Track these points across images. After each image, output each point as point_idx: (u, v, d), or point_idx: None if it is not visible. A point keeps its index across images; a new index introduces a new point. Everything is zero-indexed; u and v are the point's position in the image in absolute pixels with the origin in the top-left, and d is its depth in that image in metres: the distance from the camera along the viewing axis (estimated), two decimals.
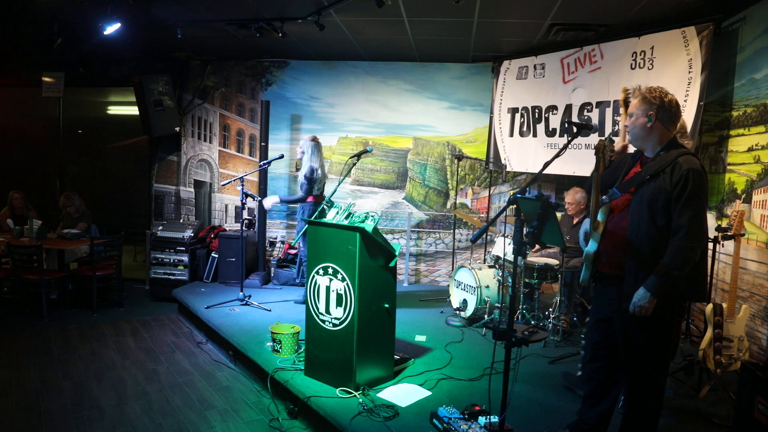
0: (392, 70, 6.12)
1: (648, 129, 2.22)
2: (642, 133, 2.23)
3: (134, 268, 6.91)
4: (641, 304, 2.12)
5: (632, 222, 2.18)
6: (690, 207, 2.07)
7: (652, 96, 2.20)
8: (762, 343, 3.46)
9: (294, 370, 3.39)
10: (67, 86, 6.64)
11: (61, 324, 4.81)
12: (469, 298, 4.57)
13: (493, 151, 5.73)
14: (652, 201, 2.13)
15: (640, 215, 2.16)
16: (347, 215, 3.30)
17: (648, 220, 2.13)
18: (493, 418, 2.59)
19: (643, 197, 2.16)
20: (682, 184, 2.07)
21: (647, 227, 2.14)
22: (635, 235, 2.17)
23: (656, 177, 2.14)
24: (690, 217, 2.07)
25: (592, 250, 2.30)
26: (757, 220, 3.54)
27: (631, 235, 2.18)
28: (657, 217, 2.12)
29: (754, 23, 3.68)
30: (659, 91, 2.21)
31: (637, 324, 2.18)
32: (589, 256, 2.30)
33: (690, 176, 2.07)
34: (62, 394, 3.41)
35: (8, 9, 4.60)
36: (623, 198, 2.26)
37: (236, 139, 6.57)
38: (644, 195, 2.15)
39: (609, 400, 2.44)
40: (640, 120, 2.22)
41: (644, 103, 2.21)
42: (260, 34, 4.78)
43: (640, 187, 2.19)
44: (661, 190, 2.11)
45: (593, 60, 4.73)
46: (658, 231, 2.13)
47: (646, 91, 2.21)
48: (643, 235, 2.14)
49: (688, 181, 2.06)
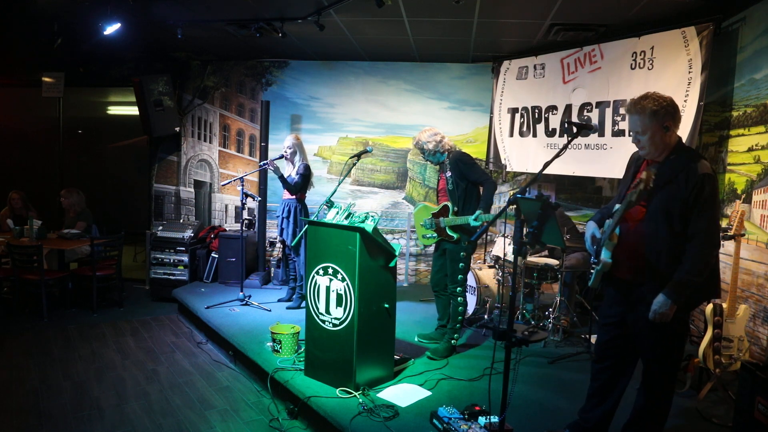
0: (392, 70, 6.12)
1: (667, 138, 2.20)
2: (662, 144, 2.21)
3: (134, 268, 6.91)
4: (662, 311, 2.11)
5: (650, 230, 2.17)
6: (706, 212, 2.07)
7: (660, 105, 2.17)
8: (762, 343, 3.46)
9: (294, 370, 3.39)
10: (67, 86, 6.64)
11: (61, 324, 4.81)
12: (469, 298, 4.57)
13: (493, 151, 5.73)
14: (668, 209, 2.12)
15: (658, 223, 2.15)
16: (347, 215, 3.30)
17: (666, 228, 2.13)
18: (493, 418, 2.59)
19: (658, 205, 2.14)
20: (698, 190, 2.07)
21: (665, 234, 2.13)
22: (653, 242, 2.16)
23: (669, 183, 2.14)
24: (707, 222, 2.07)
25: (609, 259, 2.30)
26: (757, 220, 3.54)
27: (650, 243, 2.17)
28: (675, 224, 2.12)
29: (754, 23, 3.68)
30: (662, 98, 2.19)
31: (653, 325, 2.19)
32: (606, 264, 2.29)
33: (705, 182, 2.07)
34: (62, 394, 3.41)
35: (8, 9, 4.60)
36: (638, 207, 2.24)
37: (236, 139, 6.57)
38: (660, 203, 2.14)
39: (612, 400, 2.45)
40: (658, 133, 2.18)
41: (656, 116, 2.16)
42: (260, 34, 4.78)
43: (653, 195, 2.17)
44: (677, 197, 2.10)
45: (593, 60, 4.73)
46: (676, 237, 2.13)
47: (652, 104, 2.17)
48: (662, 243, 2.14)
49: (704, 186, 2.06)
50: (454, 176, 3.62)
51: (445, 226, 3.63)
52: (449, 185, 3.64)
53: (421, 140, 3.70)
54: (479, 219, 3.45)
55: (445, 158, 3.72)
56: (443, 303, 3.92)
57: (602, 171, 4.74)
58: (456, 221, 3.57)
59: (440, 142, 3.69)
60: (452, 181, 3.63)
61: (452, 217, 3.60)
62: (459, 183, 3.61)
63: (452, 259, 3.68)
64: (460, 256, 3.65)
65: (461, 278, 3.69)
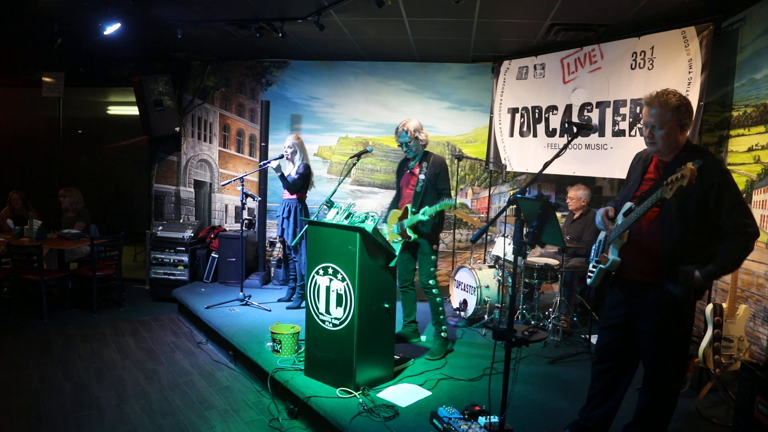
0: (392, 70, 6.12)
1: (681, 136, 2.19)
2: (675, 142, 2.19)
3: (134, 268, 6.91)
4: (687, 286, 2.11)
5: (664, 230, 2.16)
6: (736, 203, 2.08)
7: (681, 103, 2.15)
8: (762, 343, 3.45)
9: (294, 370, 3.40)
10: (67, 86, 6.63)
11: (61, 324, 4.81)
12: (469, 298, 4.57)
13: (493, 151, 5.73)
14: (682, 207, 2.11)
15: (672, 223, 2.13)
16: (347, 215, 3.31)
17: (681, 227, 2.12)
18: (493, 418, 2.59)
19: (671, 204, 2.12)
20: (718, 187, 2.06)
21: (681, 234, 2.12)
22: (669, 242, 2.14)
23: None
24: (744, 211, 2.08)
25: (617, 257, 2.29)
26: (757, 220, 3.53)
27: (664, 243, 2.15)
28: (690, 222, 2.11)
29: (754, 23, 3.68)
30: (683, 96, 2.18)
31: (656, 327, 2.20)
32: (615, 264, 2.29)
33: (723, 177, 2.08)
34: (62, 394, 3.41)
35: (8, 9, 4.60)
36: None
37: (236, 139, 6.57)
38: (672, 202, 2.11)
39: (613, 401, 2.46)
40: (675, 130, 2.16)
41: (678, 112, 2.15)
42: (260, 34, 4.78)
43: None
44: (691, 196, 2.08)
45: (593, 60, 4.73)
46: (692, 236, 2.12)
47: (675, 100, 2.15)
48: (677, 242, 2.13)
49: (723, 182, 2.07)
50: (427, 178, 3.68)
51: (406, 227, 3.69)
52: (417, 186, 3.70)
53: (410, 128, 3.68)
54: (425, 213, 3.52)
55: (421, 156, 3.76)
56: (411, 298, 4.01)
57: (602, 171, 4.74)
58: (411, 220, 3.64)
59: (425, 137, 3.77)
60: (423, 183, 3.68)
61: (411, 217, 3.67)
62: (429, 186, 3.68)
63: (424, 253, 3.74)
64: (432, 248, 3.73)
65: (434, 271, 3.77)
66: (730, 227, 2.08)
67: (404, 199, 3.81)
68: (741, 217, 2.07)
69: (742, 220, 2.07)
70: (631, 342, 2.36)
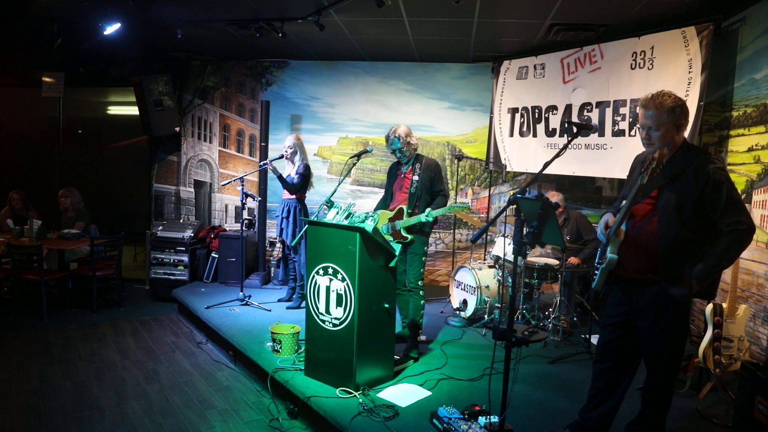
0: (392, 70, 6.12)
1: (677, 136, 2.21)
2: (671, 143, 2.22)
3: (134, 268, 6.91)
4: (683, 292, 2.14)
5: (661, 227, 2.18)
6: (732, 200, 2.09)
7: (677, 104, 2.18)
8: (762, 343, 3.46)
9: (294, 370, 3.39)
10: (67, 86, 6.63)
11: (61, 324, 4.81)
12: (469, 298, 4.57)
13: (493, 151, 5.73)
14: (679, 205, 2.13)
15: (669, 221, 2.15)
16: (347, 215, 3.31)
17: (678, 225, 2.14)
18: (493, 418, 2.59)
19: (668, 202, 2.15)
20: (714, 185, 2.08)
21: (678, 232, 2.14)
22: (665, 240, 2.16)
23: (677, 179, 2.15)
24: (738, 209, 2.09)
25: (615, 255, 2.30)
26: (757, 220, 3.54)
27: (662, 241, 2.17)
28: (687, 221, 2.13)
29: (754, 23, 3.68)
30: (678, 97, 2.21)
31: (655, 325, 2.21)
32: (612, 262, 2.30)
33: (718, 175, 2.08)
34: (62, 394, 3.41)
35: (8, 9, 4.60)
36: (643, 204, 2.25)
37: (236, 139, 6.57)
38: (669, 200, 2.15)
39: (614, 401, 2.46)
40: (671, 131, 2.19)
41: (674, 113, 2.17)
42: (260, 34, 4.78)
43: (662, 192, 2.19)
44: (687, 194, 2.12)
45: (593, 60, 4.73)
46: (689, 233, 2.14)
47: (671, 101, 2.18)
48: (674, 240, 2.15)
49: (719, 180, 2.08)
50: (421, 180, 3.72)
51: (400, 228, 3.69)
52: (412, 188, 3.73)
53: (401, 134, 3.73)
54: (430, 215, 3.55)
55: (413, 159, 3.81)
56: (405, 299, 4.00)
57: (602, 171, 4.74)
58: (410, 221, 3.66)
59: (416, 141, 3.83)
60: (418, 185, 3.72)
61: (406, 218, 3.68)
62: (423, 188, 3.71)
63: (415, 253, 3.76)
64: (423, 250, 3.76)
65: (422, 272, 3.80)
66: (723, 225, 2.10)
67: (395, 202, 3.84)
68: (734, 215, 2.09)
69: (735, 218, 2.08)
70: (632, 341, 2.37)
